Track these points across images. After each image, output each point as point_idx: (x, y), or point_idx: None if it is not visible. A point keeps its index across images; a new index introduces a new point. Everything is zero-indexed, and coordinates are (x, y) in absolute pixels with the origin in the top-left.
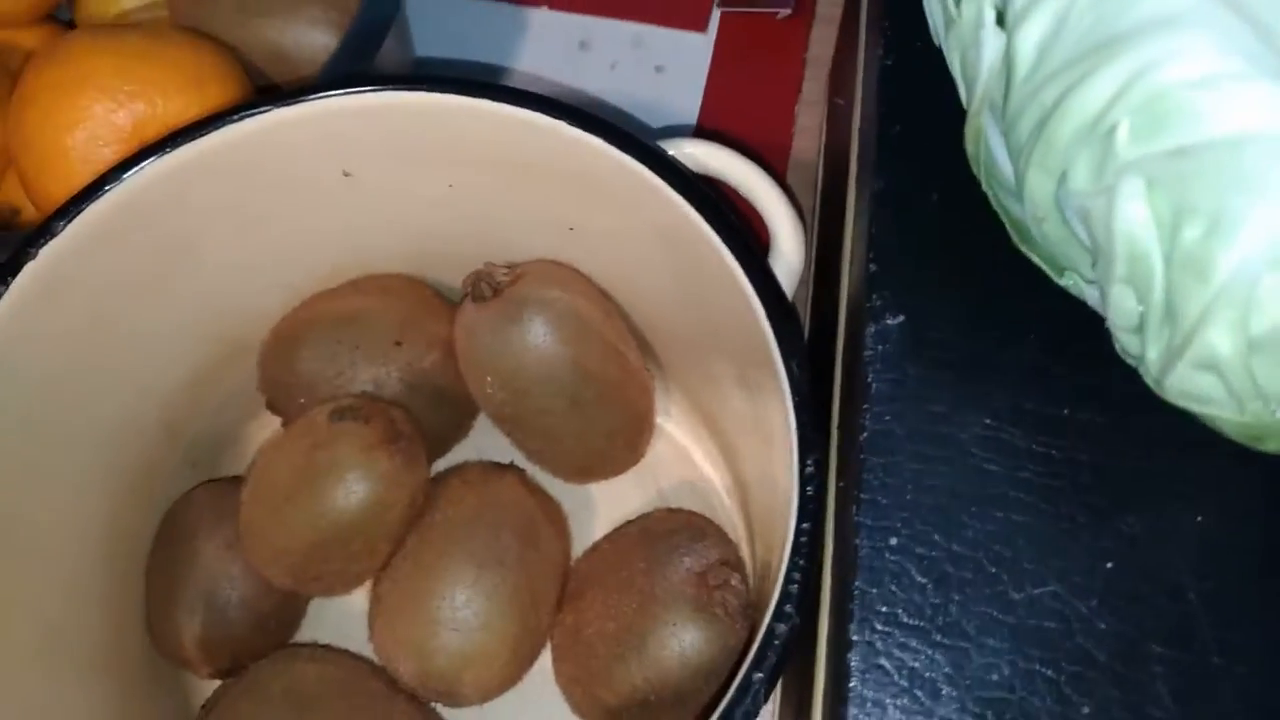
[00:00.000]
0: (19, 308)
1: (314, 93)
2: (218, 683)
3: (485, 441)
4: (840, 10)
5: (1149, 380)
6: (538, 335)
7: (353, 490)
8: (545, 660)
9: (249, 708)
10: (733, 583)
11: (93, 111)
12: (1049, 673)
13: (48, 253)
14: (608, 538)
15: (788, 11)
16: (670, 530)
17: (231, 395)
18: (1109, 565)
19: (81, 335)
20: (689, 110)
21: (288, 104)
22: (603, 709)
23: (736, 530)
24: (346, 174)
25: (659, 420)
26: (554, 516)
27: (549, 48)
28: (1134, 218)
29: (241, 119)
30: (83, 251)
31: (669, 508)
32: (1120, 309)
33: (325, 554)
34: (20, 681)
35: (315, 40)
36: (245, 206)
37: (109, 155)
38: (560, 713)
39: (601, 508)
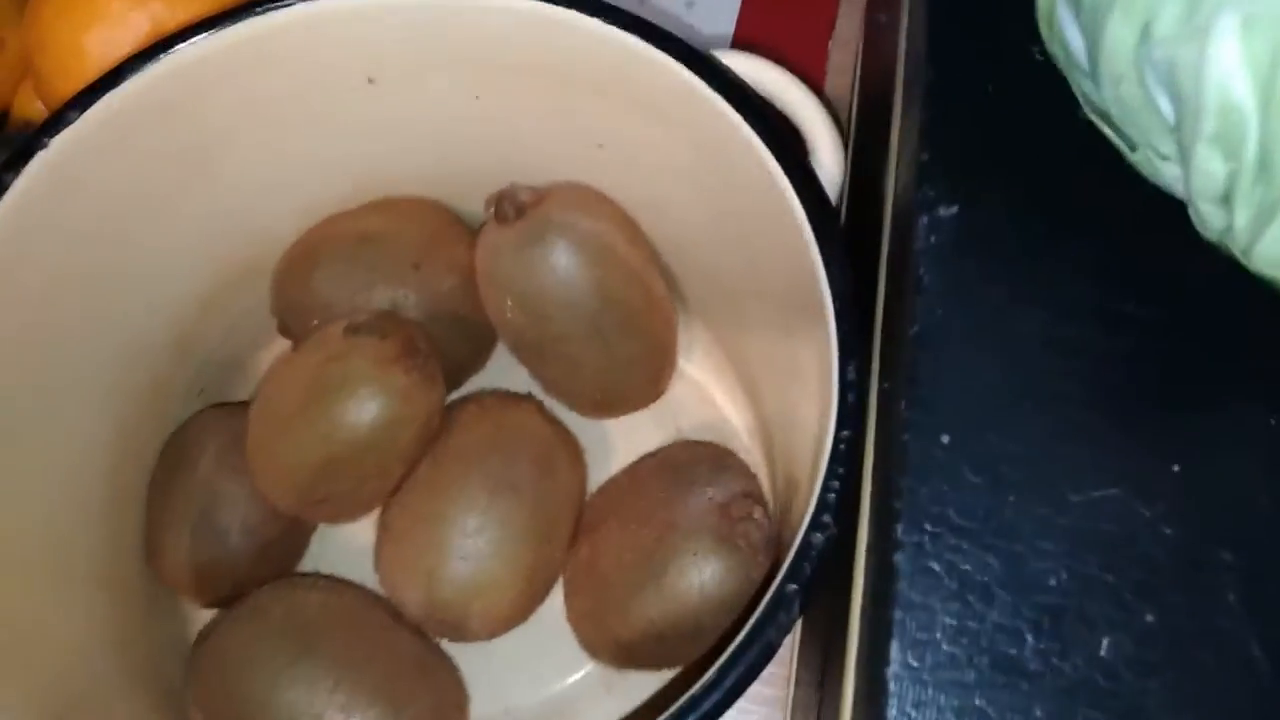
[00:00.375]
0: (29, 199)
1: None
2: (216, 613)
3: (502, 378)
4: None
5: (1236, 251)
6: (561, 258)
7: (366, 406)
8: (555, 601)
9: (247, 631)
10: (756, 515)
11: (110, 10)
12: (1109, 578)
13: (60, 143)
14: (625, 470)
15: None
16: (691, 461)
17: (243, 319)
18: (1175, 469)
19: (91, 239)
20: (720, 46)
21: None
22: (615, 644)
23: (758, 471)
24: (371, 80)
25: (681, 360)
26: (571, 447)
27: None
28: (1227, 62)
29: (266, 11)
30: (96, 146)
31: (689, 440)
32: (1205, 174)
33: (334, 473)
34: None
35: None
36: (265, 111)
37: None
38: (570, 654)
39: (619, 446)
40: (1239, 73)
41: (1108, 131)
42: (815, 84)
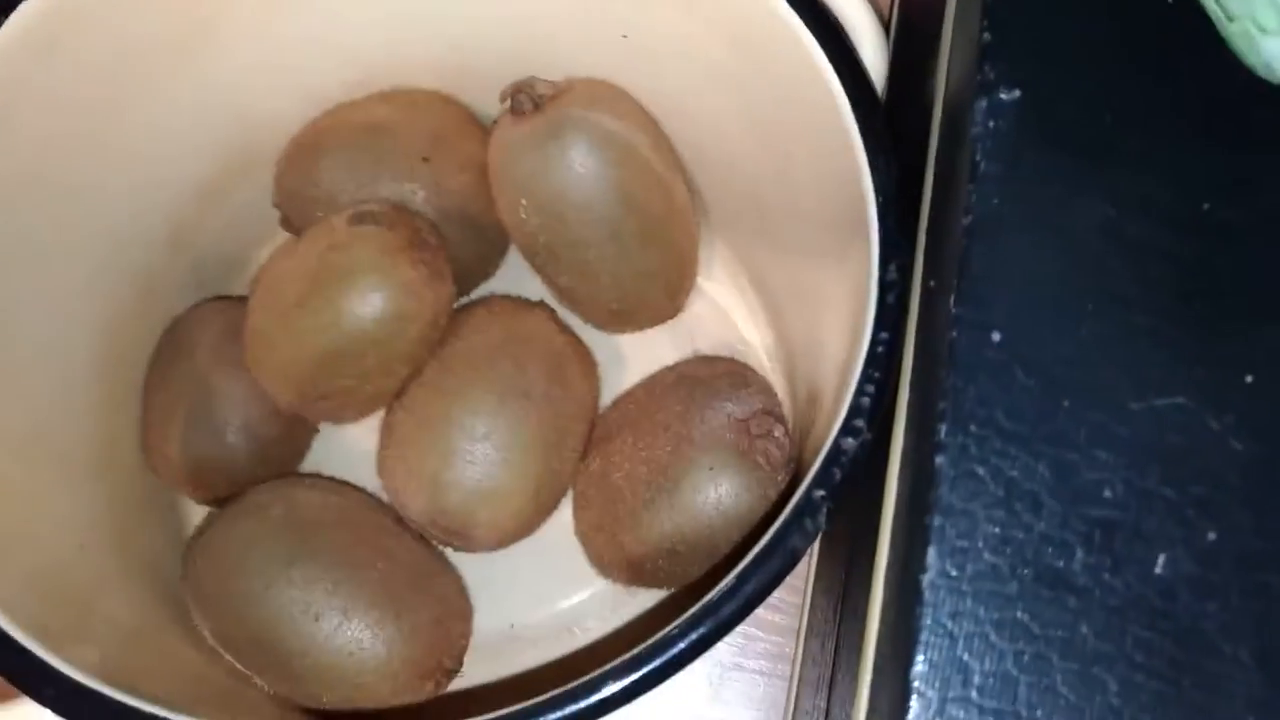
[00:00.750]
0: (17, 50)
1: None
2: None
3: (513, 286)
4: None
5: None
6: (580, 155)
7: (370, 297)
8: (564, 515)
9: (243, 529)
10: (776, 433)
11: None
12: (1169, 493)
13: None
14: (641, 384)
15: None
16: (711, 375)
17: (243, 211)
18: (1249, 379)
19: (82, 105)
20: None
21: None
22: (625, 559)
23: (779, 393)
24: None
25: (700, 279)
26: (583, 357)
27: None
28: None
29: None
30: (71, 30)
31: (709, 356)
32: None
33: (336, 368)
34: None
35: None
36: None
37: None
38: (578, 570)
39: (634, 363)
40: None
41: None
42: None
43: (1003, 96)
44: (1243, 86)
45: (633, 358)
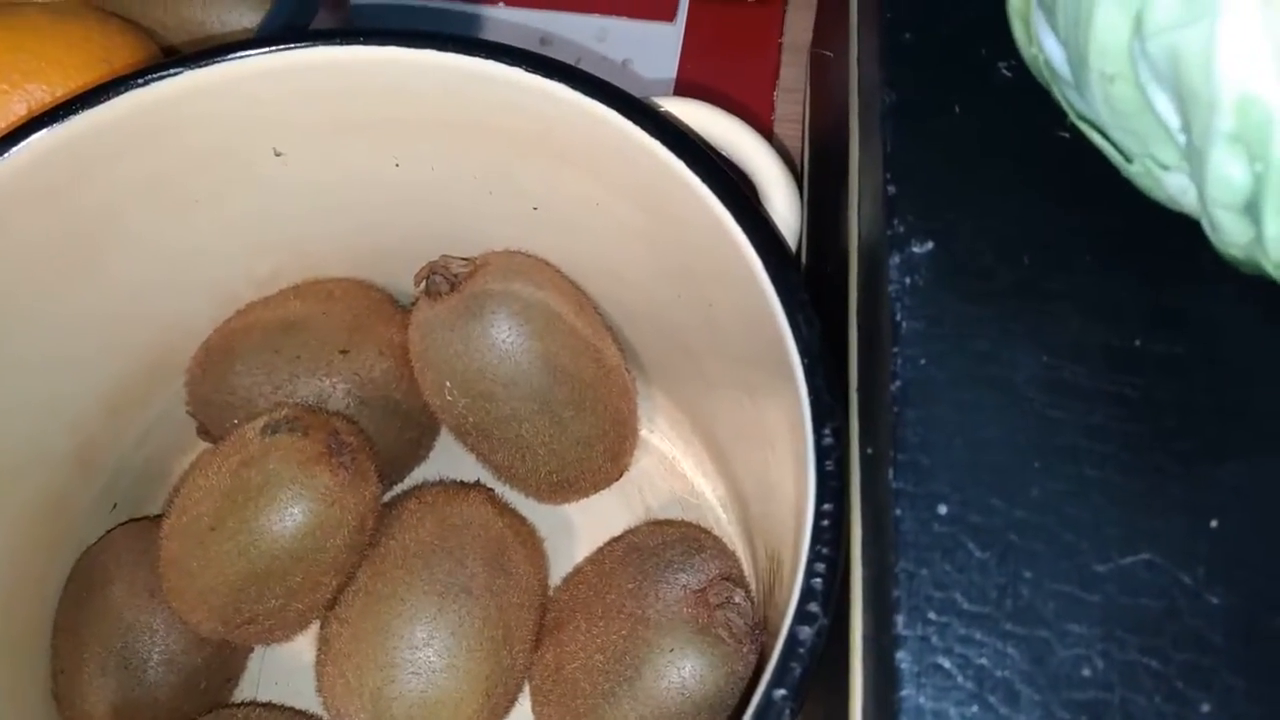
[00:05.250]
0: None
1: (232, 52)
2: None
3: (447, 468)
4: None
5: (1269, 266)
6: (502, 331)
7: (288, 512)
8: (522, 711)
9: None
10: (737, 600)
11: None
12: (1154, 664)
13: None
14: (589, 559)
15: None
16: (661, 544)
17: (158, 423)
18: (1213, 524)
19: None
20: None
21: (203, 65)
22: None
23: (736, 547)
24: (278, 153)
25: (643, 432)
26: (527, 538)
27: None
28: (1245, 46)
29: (149, 83)
30: None
31: (658, 520)
32: (1223, 181)
33: (259, 591)
34: None
35: (240, 20)
36: (163, 192)
37: None
38: None
39: (582, 531)
40: (1260, 56)
41: (1099, 142)
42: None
43: (915, 250)
44: (1153, 215)
45: (581, 524)
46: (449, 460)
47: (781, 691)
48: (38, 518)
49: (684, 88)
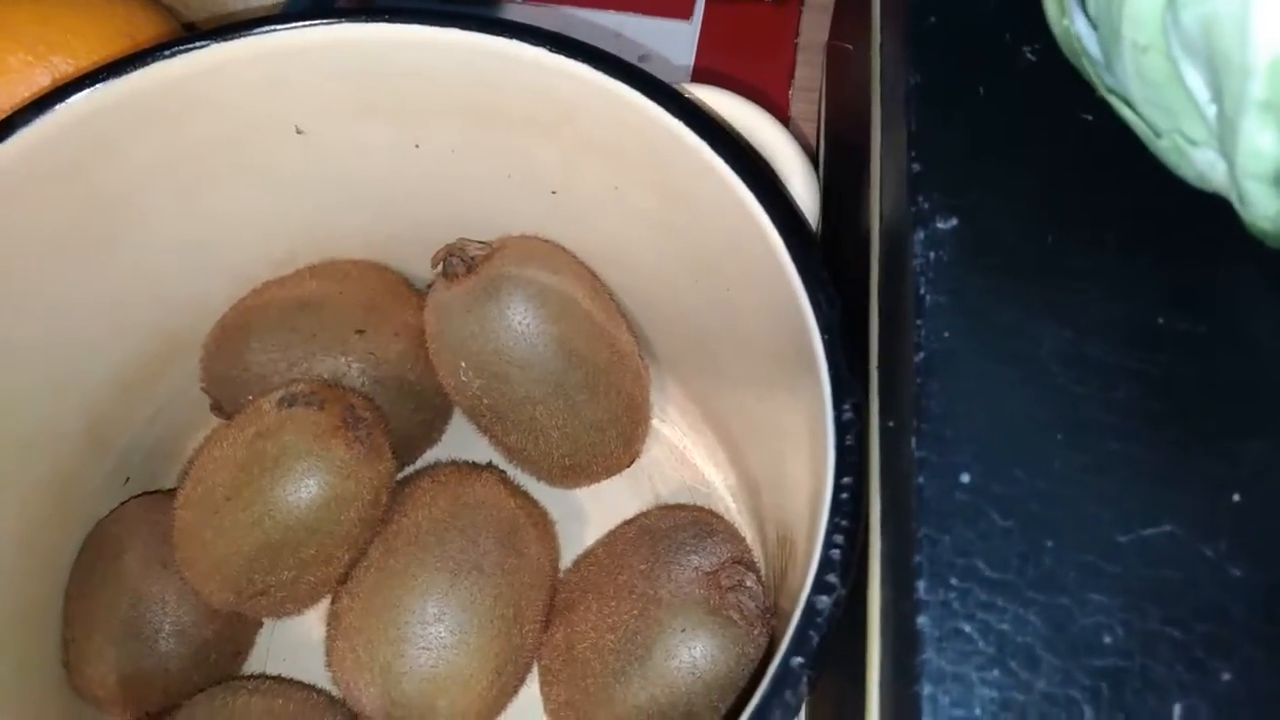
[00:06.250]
0: None
1: (257, 28)
2: None
3: (460, 449)
4: None
5: None
6: (517, 314)
7: (303, 484)
8: (531, 691)
9: None
10: (748, 583)
11: (7, 64)
12: (1174, 633)
13: None
14: (601, 542)
15: None
16: (674, 527)
17: (171, 400)
18: (1235, 498)
19: None
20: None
21: (227, 38)
22: None
23: (746, 535)
24: (300, 131)
25: (655, 422)
26: (538, 520)
27: None
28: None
29: (173, 56)
30: None
31: (670, 504)
32: (1253, 150)
33: (272, 562)
34: None
35: None
36: (184, 168)
37: None
38: None
39: (593, 517)
40: None
41: (1128, 116)
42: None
43: (940, 226)
44: (1178, 193)
45: (592, 510)
46: (462, 444)
47: (799, 659)
48: (51, 492)
49: (701, 79)
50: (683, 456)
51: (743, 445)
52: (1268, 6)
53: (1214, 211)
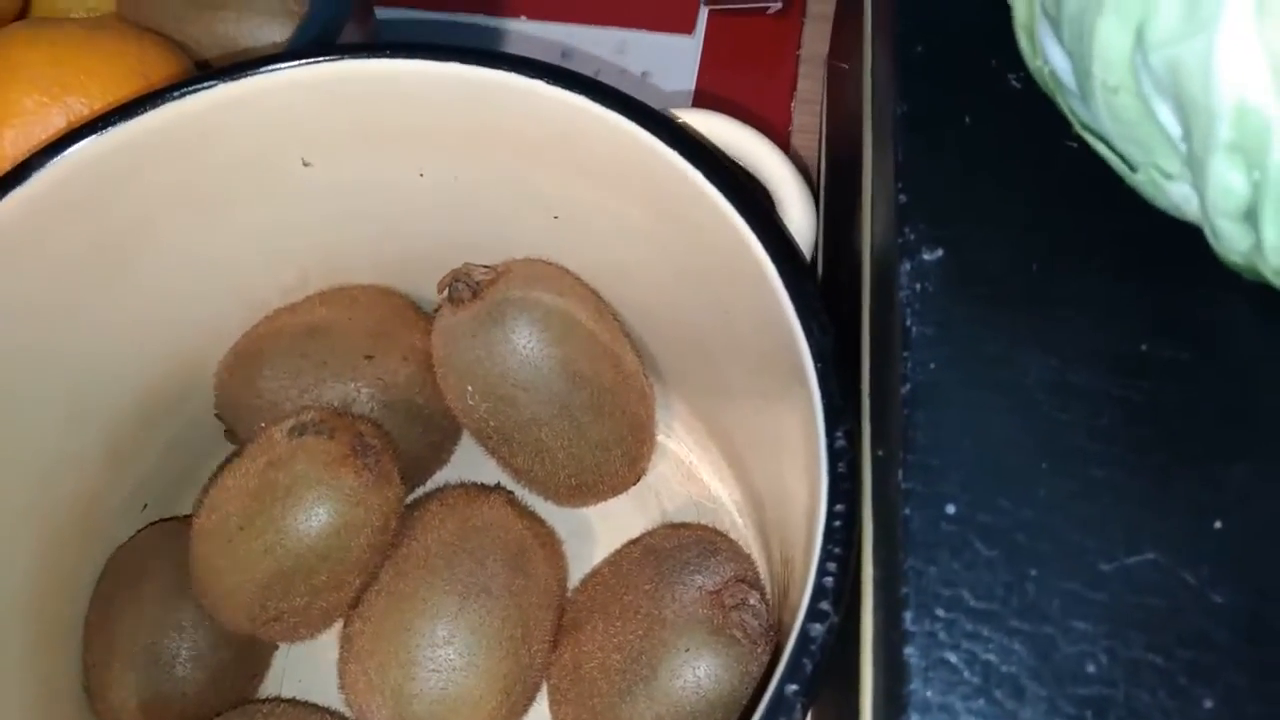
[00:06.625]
0: None
1: (263, 66)
2: None
3: (469, 471)
4: (834, 6)
5: (1267, 271)
6: (522, 336)
7: (314, 512)
8: (540, 711)
9: None
10: (751, 602)
11: (24, 106)
12: (1158, 660)
13: None
14: (607, 561)
15: (778, 6)
16: (678, 546)
17: (188, 428)
18: (1217, 525)
19: (6, 344)
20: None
21: (234, 78)
22: None
23: (751, 551)
24: (306, 164)
25: (660, 438)
26: (546, 540)
27: None
28: (1241, 55)
29: (183, 96)
30: (5, 248)
31: (674, 523)
32: (1223, 189)
33: (285, 589)
34: None
35: (271, 35)
36: (195, 202)
37: None
38: None
39: (600, 534)
40: (1256, 67)
41: (1104, 152)
42: (780, 145)
43: (925, 257)
44: (1161, 221)
45: (600, 528)
46: (470, 464)
47: (794, 686)
48: (71, 517)
49: (702, 99)
50: (689, 472)
51: (747, 461)
52: (1230, 52)
53: (1195, 239)
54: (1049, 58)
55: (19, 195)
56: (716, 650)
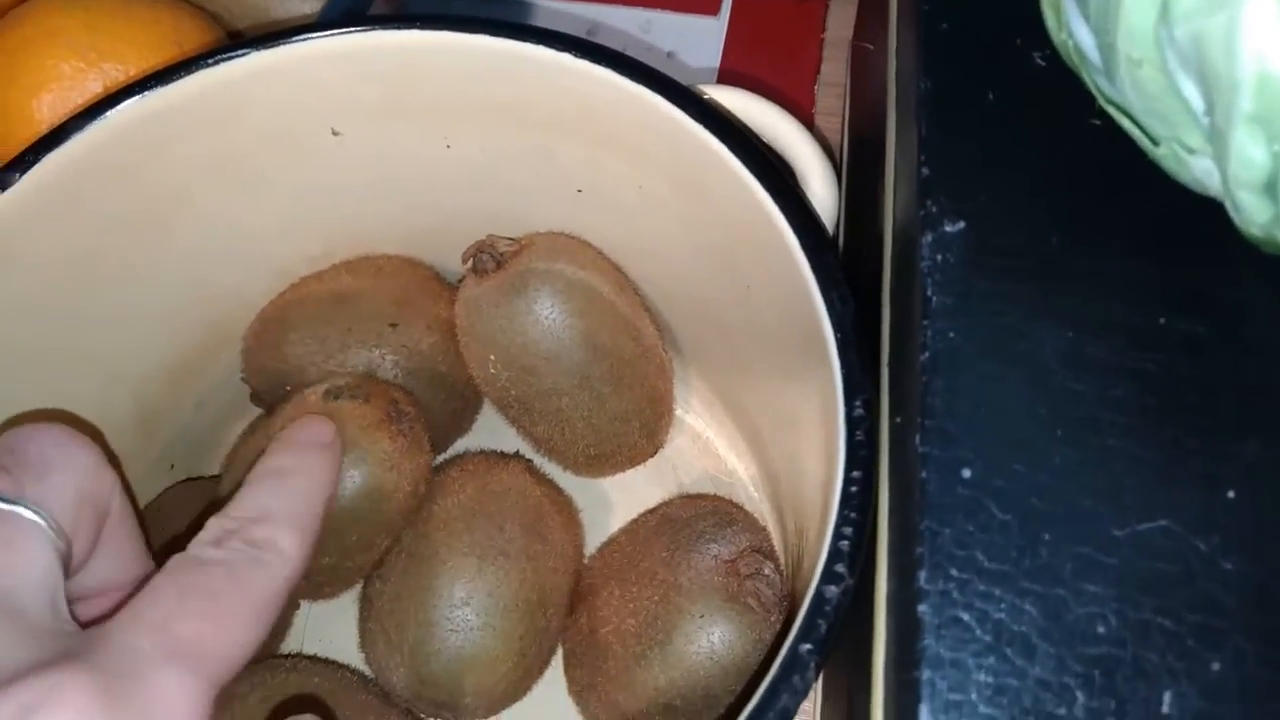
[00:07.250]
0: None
1: (295, 36)
2: None
3: (489, 439)
4: None
5: None
6: (545, 308)
7: (349, 474)
8: (555, 674)
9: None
10: (766, 571)
11: (60, 71)
12: (1166, 623)
13: (1, 207)
14: (624, 529)
15: None
16: (694, 516)
17: (215, 390)
18: (1230, 495)
19: (37, 310)
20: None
21: (267, 47)
22: (621, 718)
23: (766, 524)
24: (336, 133)
25: (678, 412)
26: (564, 508)
27: None
28: (1264, 27)
29: (218, 63)
30: (44, 209)
31: (691, 494)
32: (1244, 160)
33: (317, 548)
34: None
35: (302, 6)
36: (227, 169)
37: None
38: None
39: (617, 505)
40: (1278, 39)
41: (1127, 125)
42: (804, 126)
43: (947, 229)
44: (1179, 198)
45: (617, 499)
46: (491, 434)
47: (807, 646)
48: None
49: (726, 80)
50: (706, 446)
51: (763, 436)
52: (1254, 22)
53: (1214, 215)
54: (1074, 32)
55: (58, 157)
56: (730, 617)
